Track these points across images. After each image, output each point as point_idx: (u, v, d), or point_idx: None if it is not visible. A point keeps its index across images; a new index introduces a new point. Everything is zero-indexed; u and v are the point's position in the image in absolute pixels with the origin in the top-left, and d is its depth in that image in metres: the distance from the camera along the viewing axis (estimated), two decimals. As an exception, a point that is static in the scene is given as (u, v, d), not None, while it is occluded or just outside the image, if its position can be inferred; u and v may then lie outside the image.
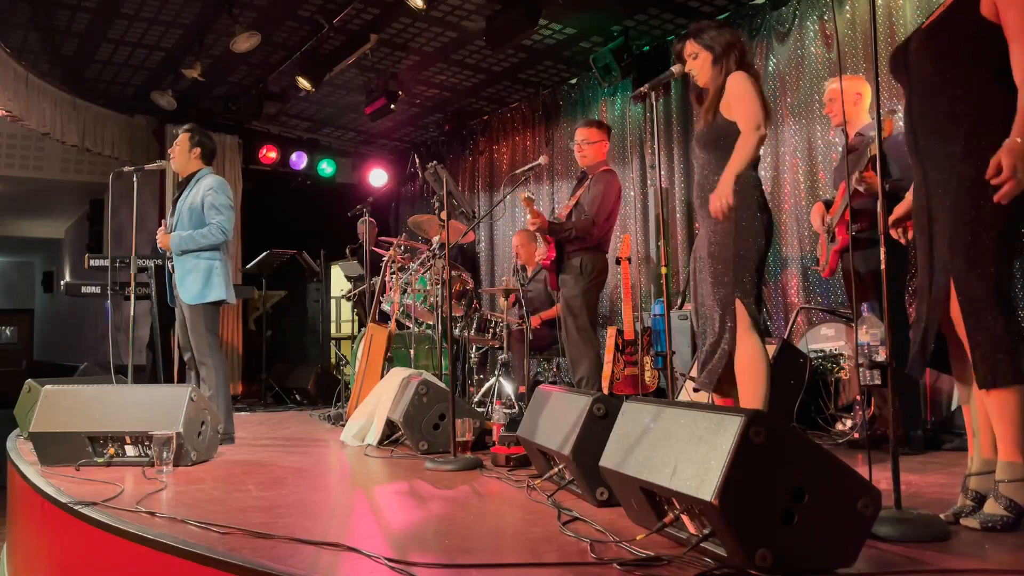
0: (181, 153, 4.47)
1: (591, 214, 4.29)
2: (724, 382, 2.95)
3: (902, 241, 2.50)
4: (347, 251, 7.14)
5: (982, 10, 2.12)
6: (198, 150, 4.48)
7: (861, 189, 3.48)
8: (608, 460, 2.16)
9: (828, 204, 3.96)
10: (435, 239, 5.45)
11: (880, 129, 2.23)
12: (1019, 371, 2.06)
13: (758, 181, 2.98)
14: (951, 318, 2.16)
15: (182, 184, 4.55)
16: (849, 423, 3.92)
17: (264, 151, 8.62)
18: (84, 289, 6.35)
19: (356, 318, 7.67)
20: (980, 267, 2.09)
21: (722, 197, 2.83)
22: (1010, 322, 2.09)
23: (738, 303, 2.88)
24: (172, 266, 4.44)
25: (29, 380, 4.82)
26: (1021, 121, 2.02)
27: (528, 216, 4.33)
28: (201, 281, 4.34)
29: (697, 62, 3.06)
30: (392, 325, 5.51)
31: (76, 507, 2.54)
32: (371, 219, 6.27)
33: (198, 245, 4.34)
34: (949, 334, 2.20)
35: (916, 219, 2.32)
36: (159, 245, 4.47)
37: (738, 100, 2.93)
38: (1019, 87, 2.04)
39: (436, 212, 5.51)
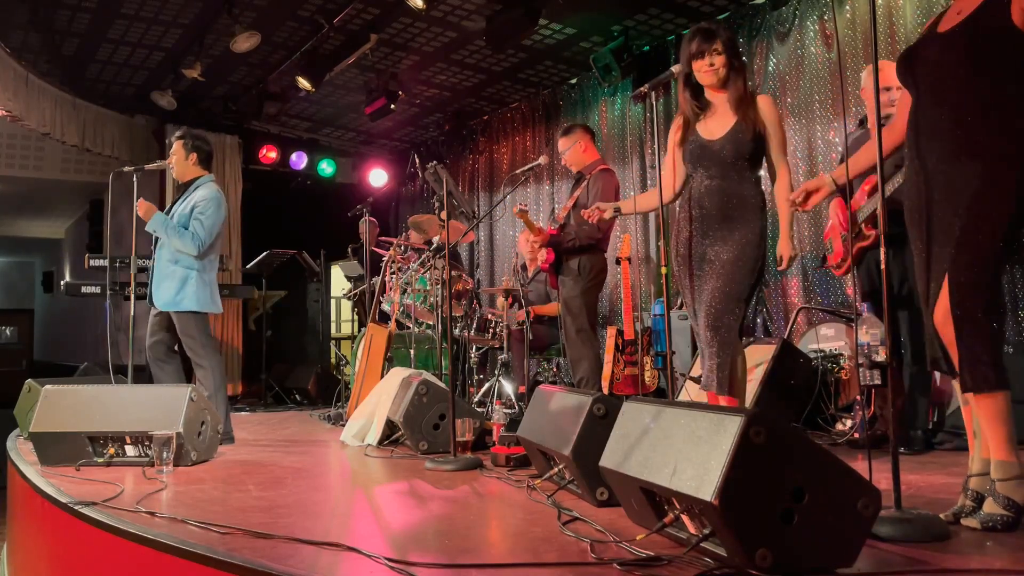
0: (179, 161, 4.48)
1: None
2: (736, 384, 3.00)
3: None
4: (348, 251, 7.14)
5: (1014, 18, 2.10)
6: (195, 155, 4.49)
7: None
8: (608, 460, 2.16)
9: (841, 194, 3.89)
10: (434, 239, 5.45)
11: (880, 127, 2.22)
12: (1003, 376, 2.09)
13: (764, 197, 3.08)
14: (940, 322, 2.16)
15: (181, 188, 4.56)
16: (849, 423, 3.92)
17: (264, 151, 8.62)
18: (84, 289, 6.34)
19: (356, 318, 7.67)
20: (980, 274, 2.10)
21: (790, 251, 3.04)
22: (998, 329, 2.11)
23: (739, 307, 2.95)
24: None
25: (29, 380, 4.82)
26: None
27: (529, 234, 4.36)
28: (175, 289, 4.31)
29: (720, 59, 3.02)
30: (392, 325, 5.51)
31: (76, 507, 2.54)
32: (372, 219, 6.26)
33: (168, 238, 4.29)
34: (943, 335, 2.19)
35: (911, 220, 2.31)
36: (138, 211, 4.31)
37: (780, 139, 3.08)
38: None
39: (436, 212, 5.51)
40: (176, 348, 4.49)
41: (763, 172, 3.16)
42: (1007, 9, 2.12)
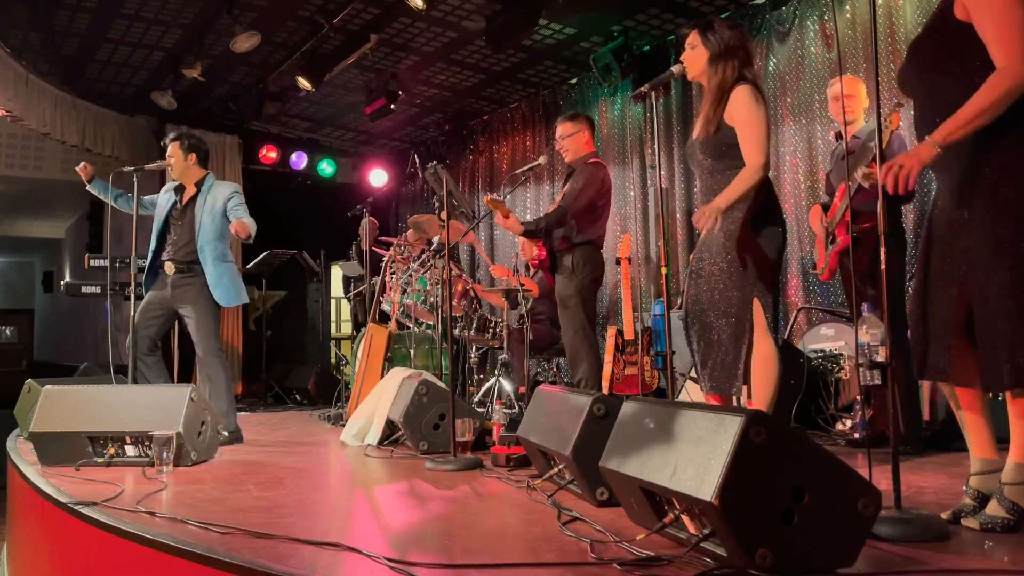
0: (178, 163, 4.49)
1: (566, 204, 4.27)
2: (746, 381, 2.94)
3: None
4: (353, 250, 7.13)
5: (956, 13, 2.14)
6: (193, 155, 4.50)
7: (867, 185, 3.46)
8: (608, 460, 2.16)
9: (825, 207, 3.94)
10: (434, 239, 5.45)
11: (880, 128, 2.23)
12: None
13: (770, 182, 2.98)
14: (964, 319, 2.14)
15: (181, 189, 4.56)
16: (849, 423, 3.92)
17: (264, 151, 8.62)
18: (84, 289, 6.35)
19: (352, 316, 7.66)
20: (1004, 267, 2.08)
21: (712, 218, 2.83)
22: None
23: (756, 303, 2.88)
24: (174, 268, 4.43)
25: (29, 380, 4.82)
26: (946, 124, 2.06)
27: (499, 217, 4.32)
28: (231, 286, 4.45)
29: (693, 53, 3.01)
30: (392, 325, 5.51)
31: (76, 507, 2.54)
32: (372, 219, 6.26)
33: (250, 225, 4.41)
34: (956, 335, 2.17)
35: (924, 224, 2.33)
36: (242, 234, 4.40)
37: (746, 126, 2.89)
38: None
39: (436, 212, 5.51)
40: (159, 344, 4.52)
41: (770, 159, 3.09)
42: (951, 5, 2.15)
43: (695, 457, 1.76)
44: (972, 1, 2.10)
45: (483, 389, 5.60)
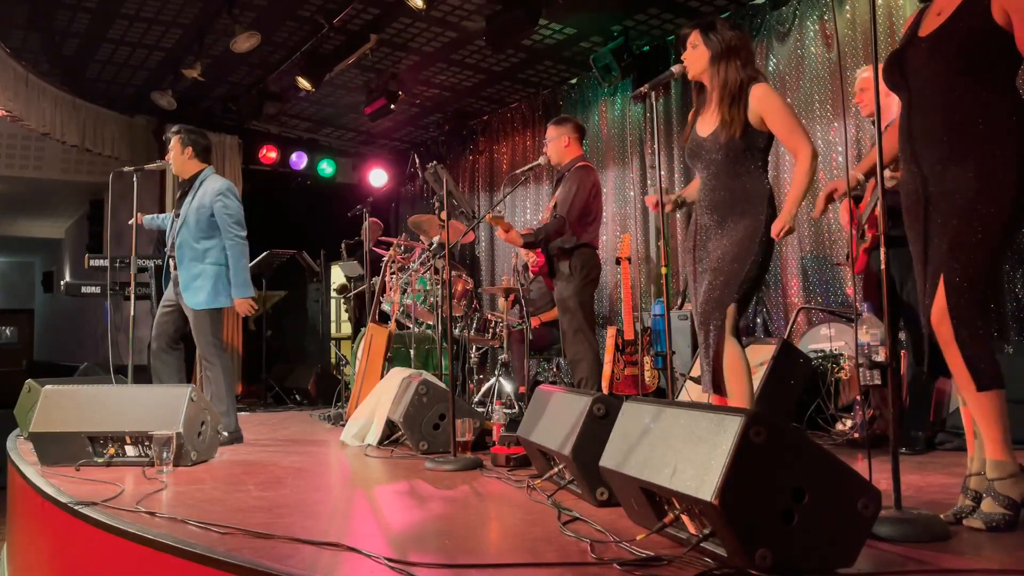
0: (176, 156, 4.50)
1: (561, 214, 4.30)
2: (723, 382, 2.93)
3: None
4: (342, 247, 7.12)
5: (995, 16, 2.10)
6: (191, 149, 4.49)
7: (890, 186, 3.42)
8: (608, 460, 2.16)
9: (857, 199, 3.87)
10: (434, 239, 5.45)
11: (880, 128, 2.22)
12: (999, 375, 2.10)
13: (770, 190, 2.96)
14: (936, 320, 2.16)
15: (183, 184, 4.56)
16: (849, 423, 3.92)
17: (264, 151, 8.62)
18: (84, 289, 6.35)
19: (347, 317, 7.65)
20: (975, 276, 2.10)
21: (789, 225, 2.82)
22: (990, 329, 2.13)
23: (731, 308, 2.85)
24: (173, 264, 4.44)
25: (29, 380, 4.82)
26: None
27: (500, 231, 4.35)
28: (209, 287, 4.36)
29: (694, 53, 2.98)
30: (392, 325, 5.51)
31: (76, 507, 2.54)
32: (374, 220, 6.25)
33: (245, 268, 4.40)
34: (938, 335, 2.19)
35: (909, 223, 2.32)
36: (246, 311, 4.44)
37: (785, 121, 2.88)
38: None
39: (436, 212, 5.51)
40: (179, 341, 4.51)
41: (770, 158, 3.07)
42: (987, 8, 2.12)
43: (695, 457, 1.76)
44: (1017, 6, 2.07)
45: (483, 389, 5.60)
